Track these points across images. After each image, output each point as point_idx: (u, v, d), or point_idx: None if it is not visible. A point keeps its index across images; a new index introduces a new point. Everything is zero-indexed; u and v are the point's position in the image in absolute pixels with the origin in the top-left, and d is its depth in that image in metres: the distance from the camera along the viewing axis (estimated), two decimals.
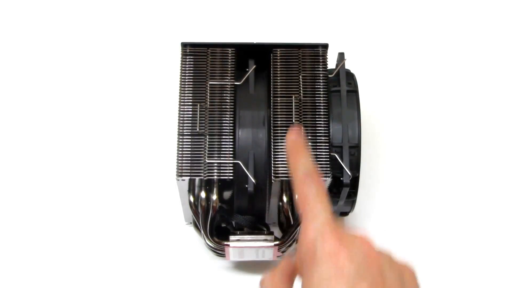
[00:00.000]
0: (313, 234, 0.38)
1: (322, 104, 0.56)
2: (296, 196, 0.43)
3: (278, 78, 0.57)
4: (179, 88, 0.56)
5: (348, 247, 0.37)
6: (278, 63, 0.57)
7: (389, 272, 0.38)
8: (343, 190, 0.55)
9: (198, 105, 0.56)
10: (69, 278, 0.62)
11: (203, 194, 0.55)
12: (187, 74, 0.57)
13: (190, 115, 0.55)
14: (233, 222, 0.57)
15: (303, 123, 0.55)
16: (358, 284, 0.36)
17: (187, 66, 0.57)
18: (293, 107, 0.55)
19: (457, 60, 0.75)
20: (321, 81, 0.57)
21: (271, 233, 0.56)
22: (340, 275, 0.36)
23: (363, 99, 0.58)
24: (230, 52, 0.57)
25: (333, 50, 0.58)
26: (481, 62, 0.75)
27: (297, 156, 0.42)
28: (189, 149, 0.54)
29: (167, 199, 0.65)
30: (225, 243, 0.55)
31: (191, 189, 0.56)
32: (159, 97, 0.71)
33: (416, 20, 0.77)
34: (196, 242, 0.63)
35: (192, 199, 0.56)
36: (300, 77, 0.57)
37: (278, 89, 0.56)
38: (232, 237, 0.55)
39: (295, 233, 0.56)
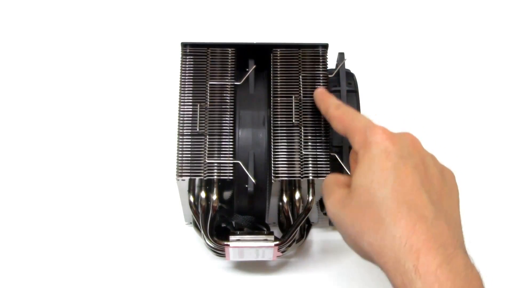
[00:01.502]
0: (363, 127, 0.45)
1: None
2: (335, 125, 0.49)
3: (278, 78, 0.57)
4: (179, 88, 0.56)
5: (393, 135, 0.44)
6: (278, 63, 0.57)
7: (431, 165, 0.45)
8: None
9: (198, 105, 0.56)
10: (69, 278, 0.62)
11: (203, 194, 0.55)
12: (187, 74, 0.57)
13: (190, 115, 0.55)
14: (233, 222, 0.57)
15: (303, 123, 0.55)
16: (402, 164, 0.43)
17: (187, 66, 0.57)
18: (293, 107, 0.55)
19: (457, 60, 0.75)
20: (321, 81, 0.57)
21: (271, 233, 0.56)
22: (386, 156, 0.43)
23: (363, 99, 0.58)
24: (230, 52, 0.57)
25: (333, 50, 0.58)
26: (481, 62, 0.75)
27: (325, 98, 0.52)
28: (189, 149, 0.54)
29: (167, 199, 0.65)
30: (225, 243, 0.55)
31: (191, 189, 0.56)
32: (159, 97, 0.71)
33: (416, 20, 0.78)
34: (196, 242, 0.63)
35: (192, 199, 0.56)
36: (300, 77, 0.57)
37: (278, 89, 0.56)
38: (232, 237, 0.55)
39: (295, 233, 0.56)
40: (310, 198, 0.55)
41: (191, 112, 0.55)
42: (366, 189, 0.43)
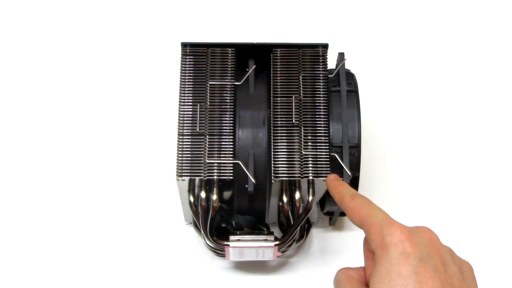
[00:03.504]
0: (379, 224, 0.43)
1: (322, 104, 0.56)
2: (350, 216, 0.47)
3: (278, 78, 0.57)
4: (179, 88, 0.56)
5: (412, 234, 0.42)
6: (278, 63, 0.57)
7: (450, 262, 0.43)
8: None
9: (198, 105, 0.56)
10: (69, 278, 0.62)
11: (203, 194, 0.55)
12: (187, 74, 0.57)
13: (190, 115, 0.55)
14: (233, 222, 0.57)
15: (303, 123, 0.55)
16: (422, 268, 0.41)
17: (187, 66, 0.57)
18: (293, 107, 0.55)
19: (457, 60, 0.75)
20: (321, 81, 0.57)
21: (271, 233, 0.56)
22: (406, 260, 0.41)
23: (363, 99, 0.58)
24: (230, 52, 0.57)
25: (333, 50, 0.58)
26: (481, 61, 0.75)
27: (340, 187, 0.50)
28: (189, 149, 0.54)
29: (167, 199, 0.65)
30: (225, 243, 0.55)
31: (191, 189, 0.56)
32: (159, 97, 0.71)
33: (416, 20, 0.78)
34: (196, 242, 0.63)
35: (192, 199, 0.56)
36: (300, 77, 0.57)
37: (278, 89, 0.56)
38: (232, 237, 0.55)
39: (295, 233, 0.56)
40: (310, 198, 0.55)
41: (191, 112, 0.55)
42: None
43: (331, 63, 0.59)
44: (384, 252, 0.42)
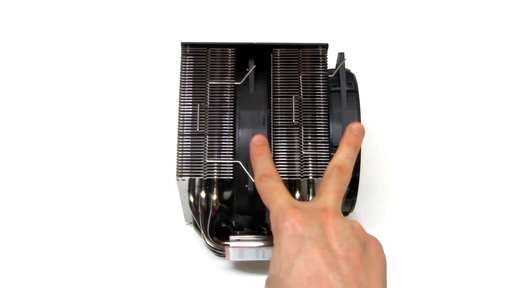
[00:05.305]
0: (275, 212, 0.46)
1: (322, 104, 0.56)
2: (260, 196, 0.50)
3: (278, 78, 0.57)
4: (179, 88, 0.56)
5: (304, 217, 0.43)
6: (278, 63, 0.57)
7: (350, 237, 0.43)
8: None
9: (198, 105, 0.56)
10: (69, 278, 0.62)
11: (203, 194, 0.55)
12: (187, 74, 0.57)
13: (190, 115, 0.55)
14: (233, 222, 0.57)
15: (303, 123, 0.55)
16: (310, 246, 0.42)
17: (187, 66, 0.57)
18: (293, 107, 0.55)
19: (457, 59, 0.75)
20: (321, 81, 0.57)
21: (271, 233, 0.56)
22: (294, 240, 0.43)
23: (363, 99, 0.58)
24: (230, 52, 0.57)
25: (333, 50, 0.58)
26: (481, 61, 0.75)
27: (258, 158, 0.51)
28: (189, 149, 0.55)
29: (167, 199, 0.65)
30: (225, 243, 0.55)
31: (191, 189, 0.56)
32: (159, 97, 0.71)
33: (416, 20, 0.78)
34: (196, 242, 0.63)
35: (192, 199, 0.56)
36: (300, 77, 0.57)
37: (278, 89, 0.56)
38: (232, 237, 0.55)
39: None
40: (310, 198, 0.55)
41: (191, 112, 0.56)
42: (276, 280, 0.42)
43: (331, 63, 0.59)
44: (276, 237, 0.44)
